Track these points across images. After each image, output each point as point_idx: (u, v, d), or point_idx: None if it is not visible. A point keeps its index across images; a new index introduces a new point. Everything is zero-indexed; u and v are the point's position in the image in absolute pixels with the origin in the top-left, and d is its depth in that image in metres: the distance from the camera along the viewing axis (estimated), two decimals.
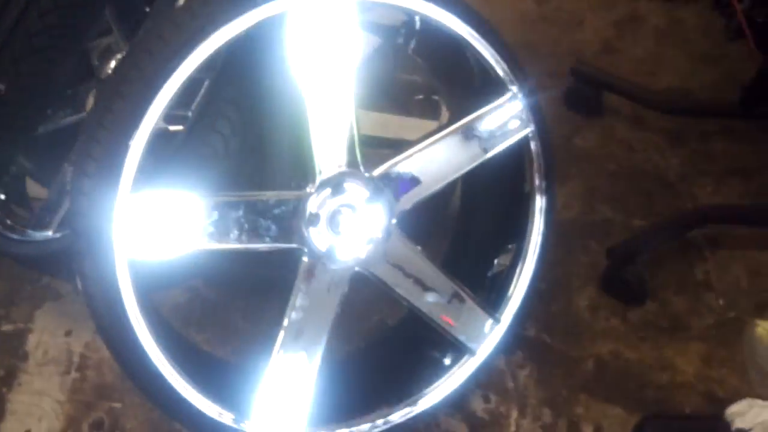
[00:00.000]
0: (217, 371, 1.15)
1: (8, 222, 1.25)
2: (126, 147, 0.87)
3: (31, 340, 1.39)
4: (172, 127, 1.13)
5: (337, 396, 1.14)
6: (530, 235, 1.21)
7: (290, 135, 1.08)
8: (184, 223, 0.95)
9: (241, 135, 1.11)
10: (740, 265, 1.51)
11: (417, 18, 1.09)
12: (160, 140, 1.15)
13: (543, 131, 1.16)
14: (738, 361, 1.37)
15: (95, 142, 0.88)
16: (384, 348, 1.31)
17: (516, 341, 1.39)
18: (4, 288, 1.46)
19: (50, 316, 1.43)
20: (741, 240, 1.55)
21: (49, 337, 1.40)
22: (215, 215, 0.97)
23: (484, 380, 1.34)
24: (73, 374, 1.35)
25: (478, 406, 1.33)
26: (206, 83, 1.10)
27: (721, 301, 1.46)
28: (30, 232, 1.24)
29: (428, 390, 1.17)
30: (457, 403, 1.27)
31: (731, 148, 1.72)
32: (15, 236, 1.25)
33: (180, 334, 1.15)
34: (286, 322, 1.04)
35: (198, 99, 1.10)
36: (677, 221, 1.51)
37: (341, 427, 1.10)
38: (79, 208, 0.90)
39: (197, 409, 0.99)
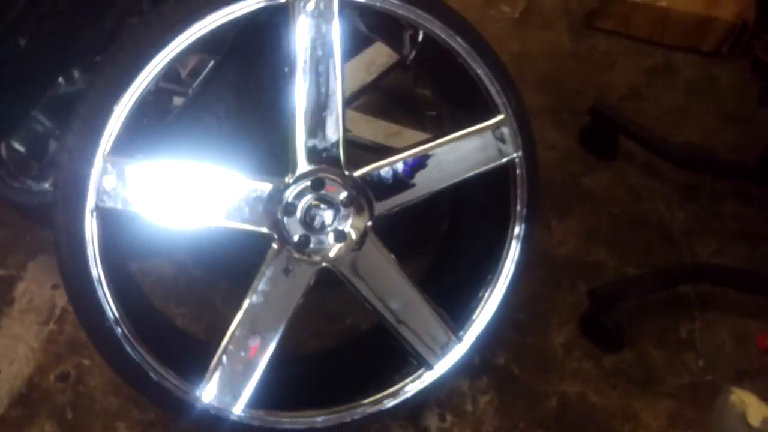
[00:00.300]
0: (176, 341, 1.17)
1: (12, 171, 1.31)
2: (110, 111, 0.91)
3: (20, 287, 1.45)
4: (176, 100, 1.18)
5: (286, 386, 1.16)
6: (504, 261, 1.21)
7: (280, 124, 1.10)
8: (158, 189, 0.98)
9: (235, 118, 1.14)
10: (728, 329, 1.48)
11: (419, 30, 1.10)
12: (157, 111, 1.20)
13: (531, 158, 1.17)
14: (705, 425, 1.34)
15: (84, 101, 0.92)
16: (348, 349, 1.33)
17: (481, 366, 1.40)
18: (5, 235, 1.53)
19: (42, 267, 1.49)
20: (733, 304, 1.51)
21: (36, 288, 1.45)
22: (191, 186, 1.00)
23: (442, 398, 1.35)
24: (52, 326, 1.40)
25: (432, 423, 1.33)
26: (211, 63, 1.14)
27: (700, 363, 1.43)
28: (29, 182, 1.29)
29: (377, 395, 1.17)
30: (404, 414, 1.27)
31: (742, 211, 1.69)
32: (16, 185, 1.31)
33: (144, 298, 1.18)
34: (245, 303, 1.07)
35: (200, 78, 1.14)
36: (666, 273, 1.48)
37: (281, 416, 1.11)
38: (60, 161, 0.94)
39: (144, 370, 1.02)
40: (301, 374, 1.24)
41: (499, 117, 1.13)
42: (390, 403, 1.18)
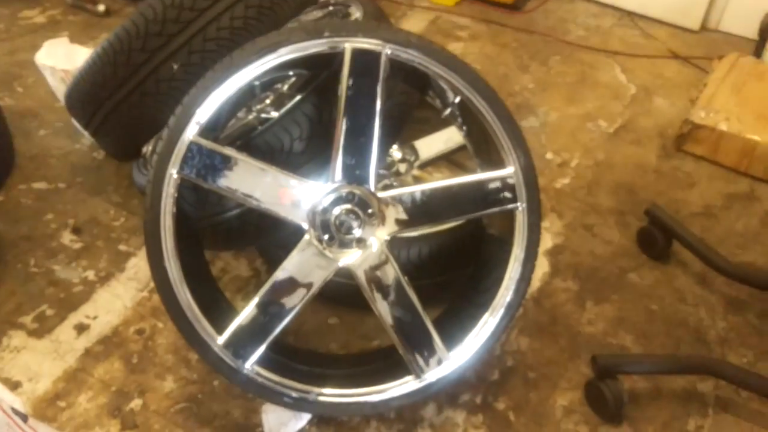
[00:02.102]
0: (218, 300, 1.44)
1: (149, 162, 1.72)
2: (200, 104, 1.26)
3: (132, 261, 1.83)
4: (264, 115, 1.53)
5: (296, 363, 1.38)
6: (499, 297, 1.37)
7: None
8: (225, 171, 1.29)
9: (304, 141, 1.45)
10: None
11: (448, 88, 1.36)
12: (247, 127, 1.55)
13: (533, 210, 1.35)
14: None
15: (187, 95, 1.28)
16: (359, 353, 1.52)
17: (480, 406, 1.52)
18: (136, 222, 1.93)
19: None
20: (751, 413, 1.51)
21: (143, 264, 1.81)
22: (249, 173, 1.30)
23: (437, 423, 1.48)
24: (144, 293, 1.74)
25: None
26: (297, 98, 1.48)
27: None
28: None
29: (365, 389, 1.35)
30: (384, 414, 1.44)
31: None
32: (145, 172, 1.71)
33: (206, 272, 1.47)
34: (273, 277, 1.32)
35: (286, 107, 1.47)
36: (676, 359, 1.52)
37: (283, 377, 1.32)
38: (162, 136, 1.30)
39: (187, 316, 1.30)
40: (313, 361, 1.45)
41: (509, 169, 1.34)
42: (374, 398, 1.35)
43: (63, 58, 2.06)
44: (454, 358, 1.37)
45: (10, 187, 2.02)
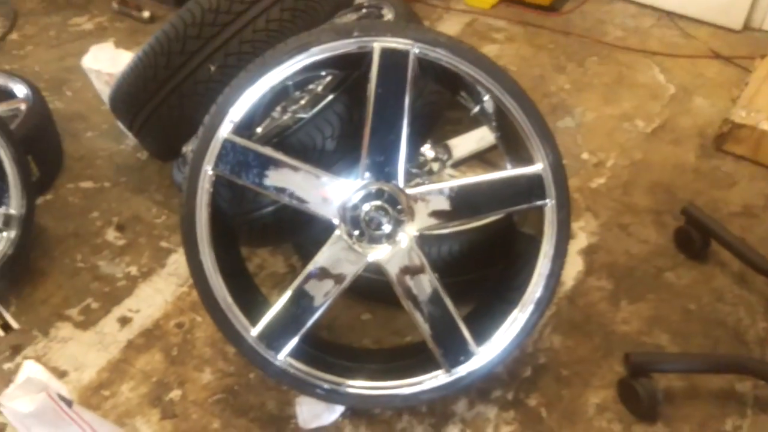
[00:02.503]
0: (253, 294, 1.48)
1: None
2: (233, 103, 1.30)
3: (173, 257, 1.88)
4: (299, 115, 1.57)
5: (329, 356, 1.41)
6: (528, 293, 1.37)
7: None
8: (258, 168, 1.33)
9: (337, 140, 1.48)
10: None
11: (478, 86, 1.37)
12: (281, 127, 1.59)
13: (562, 206, 1.35)
14: None
15: (220, 94, 1.33)
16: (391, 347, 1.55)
17: (512, 402, 1.52)
18: (176, 220, 1.99)
19: None
20: None
21: (183, 261, 1.86)
22: (282, 170, 1.34)
23: (468, 417, 1.49)
24: (184, 288, 1.79)
25: None
26: (329, 97, 1.51)
27: None
28: None
29: (397, 381, 1.37)
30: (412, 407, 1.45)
31: None
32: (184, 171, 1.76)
33: (241, 267, 1.51)
34: (305, 272, 1.35)
35: (319, 107, 1.51)
36: (712, 358, 1.50)
37: (315, 369, 1.35)
38: (198, 135, 1.34)
39: (222, 308, 1.34)
40: (345, 355, 1.47)
41: (537, 166, 1.34)
42: (405, 391, 1.37)
43: (108, 62, 2.13)
44: (484, 353, 1.38)
45: (58, 187, 2.10)
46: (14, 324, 1.70)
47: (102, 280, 1.82)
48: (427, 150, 1.96)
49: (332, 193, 1.34)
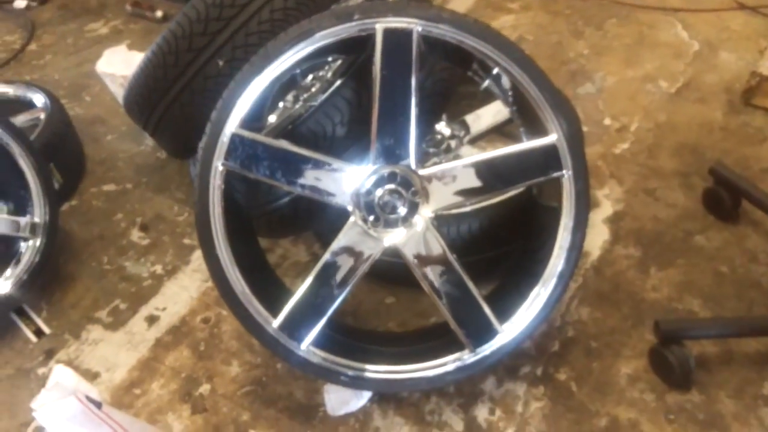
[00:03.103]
0: (273, 285, 1.48)
1: None
2: (240, 94, 1.29)
3: (196, 254, 1.90)
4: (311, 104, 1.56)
5: (352, 342, 1.41)
6: (550, 267, 1.35)
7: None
8: (267, 162, 1.33)
9: (347, 126, 1.47)
10: None
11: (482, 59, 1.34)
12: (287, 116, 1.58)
13: (580, 176, 1.31)
14: None
15: (226, 88, 1.32)
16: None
17: (542, 377, 1.50)
18: None
19: None
20: None
21: None
22: (291, 162, 1.33)
23: (497, 395, 1.48)
24: (209, 284, 1.81)
25: (481, 414, 1.46)
26: (337, 83, 1.49)
27: None
28: None
29: (420, 364, 1.36)
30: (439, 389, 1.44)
31: None
32: None
33: (260, 259, 1.51)
34: (322, 260, 1.35)
35: (326, 94, 1.49)
36: (747, 320, 1.45)
37: (338, 356, 1.35)
38: (206, 131, 1.34)
39: (242, 301, 1.34)
40: (368, 339, 1.47)
41: (552, 137, 1.31)
42: (430, 373, 1.36)
43: (122, 65, 2.15)
44: (509, 331, 1.36)
45: (82, 191, 2.14)
46: (46, 329, 1.74)
47: (129, 281, 1.84)
48: (443, 128, 1.93)
49: (344, 180, 1.33)
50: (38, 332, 1.73)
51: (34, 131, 2.03)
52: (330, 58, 1.53)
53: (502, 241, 1.59)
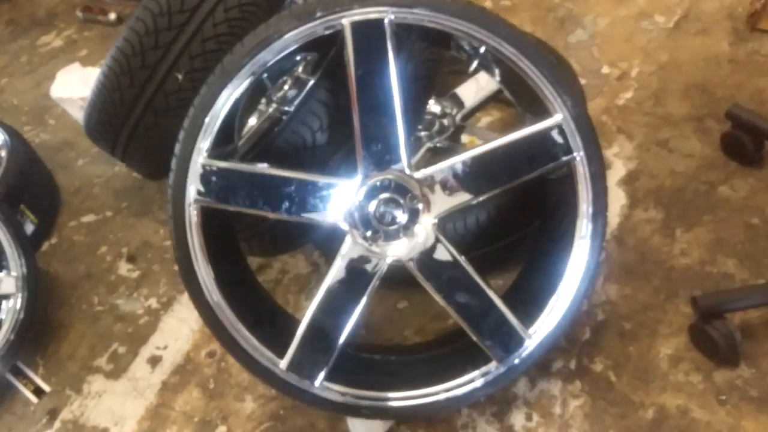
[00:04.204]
0: (276, 320, 1.37)
1: None
2: (202, 123, 1.15)
3: None
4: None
5: (360, 363, 1.30)
6: (573, 260, 1.22)
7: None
8: (245, 191, 1.19)
9: (328, 131, 1.32)
10: None
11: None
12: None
13: (593, 157, 1.18)
14: None
15: (186, 118, 1.18)
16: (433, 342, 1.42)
17: (576, 371, 1.39)
18: None
19: None
20: None
21: None
22: (271, 187, 1.19)
23: (531, 398, 1.37)
24: None
25: (518, 421, 1.35)
26: (310, 84, 1.34)
27: None
28: None
29: (443, 384, 1.25)
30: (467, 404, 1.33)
31: None
32: None
33: (255, 292, 1.39)
34: (323, 288, 1.22)
35: (300, 98, 1.34)
36: None
37: (356, 388, 1.24)
38: (172, 167, 1.20)
39: (245, 348, 1.22)
40: (382, 361, 1.36)
41: (557, 117, 1.17)
42: (458, 392, 1.24)
43: (78, 85, 1.99)
44: (537, 332, 1.24)
45: (60, 226, 2.00)
46: (45, 386, 1.63)
47: (124, 320, 1.73)
48: (433, 105, 1.78)
49: (334, 196, 1.20)
50: (38, 391, 1.63)
51: None
52: (298, 57, 1.38)
53: (516, 226, 1.46)
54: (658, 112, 1.84)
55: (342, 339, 1.23)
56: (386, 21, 1.14)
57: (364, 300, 1.23)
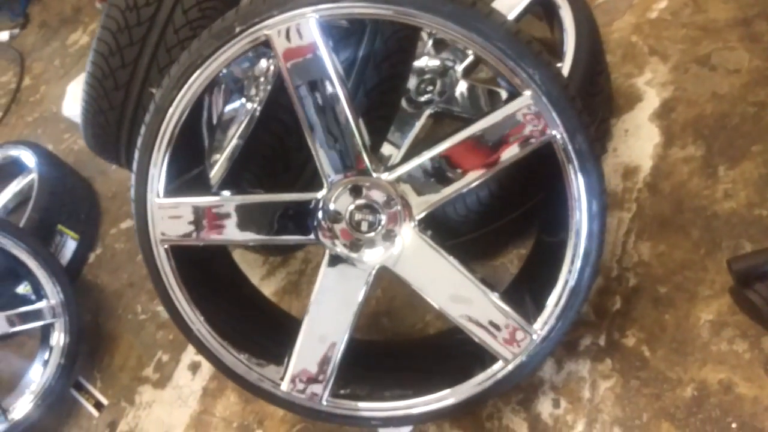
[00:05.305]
0: (280, 333, 1.33)
1: None
2: (148, 163, 1.10)
3: None
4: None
5: (365, 375, 1.25)
6: (570, 248, 1.09)
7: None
8: (212, 220, 1.14)
9: (295, 135, 1.23)
10: None
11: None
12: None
13: (575, 132, 1.01)
14: None
15: (133, 161, 1.13)
16: (430, 342, 1.34)
17: (606, 347, 1.28)
18: None
19: None
20: None
21: None
22: (240, 213, 1.14)
23: (558, 382, 1.28)
24: None
25: (545, 409, 1.27)
26: (267, 89, 1.25)
27: None
28: None
29: (459, 387, 1.18)
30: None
31: None
32: None
33: (251, 312, 1.36)
34: (309, 309, 1.17)
35: (260, 103, 1.26)
36: None
37: (364, 401, 1.20)
38: (133, 209, 1.17)
39: (244, 376, 1.21)
40: (392, 368, 1.30)
41: (524, 94, 1.01)
42: (470, 393, 1.17)
43: None
44: (542, 325, 1.13)
45: (103, 236, 2.06)
46: (104, 400, 1.72)
47: (165, 328, 1.77)
48: (429, 62, 1.62)
49: (304, 212, 1.13)
50: (98, 405, 1.73)
51: (31, 195, 1.95)
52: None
53: (518, 200, 1.34)
54: (698, 20, 1.58)
55: (338, 355, 1.18)
56: (311, 23, 1.01)
57: (355, 312, 1.17)
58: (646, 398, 1.20)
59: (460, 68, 1.61)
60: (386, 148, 1.61)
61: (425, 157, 1.08)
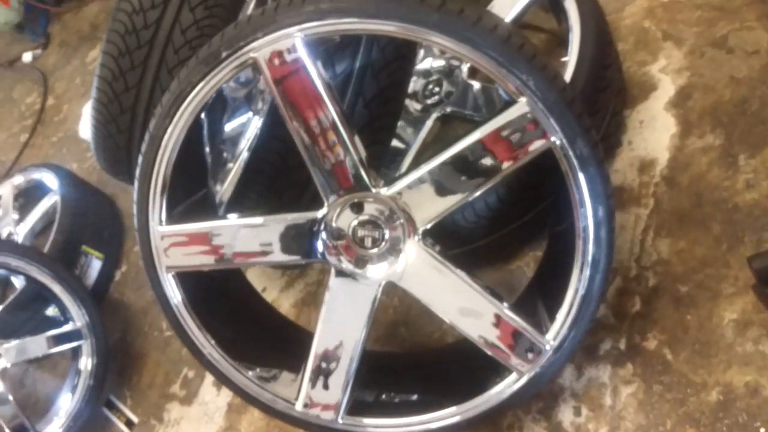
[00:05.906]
0: (291, 348, 1.33)
1: None
2: (147, 191, 1.10)
3: None
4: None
5: (381, 392, 1.24)
6: (579, 255, 1.05)
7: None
8: (213, 245, 1.14)
9: (296, 152, 1.22)
10: None
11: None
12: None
13: (575, 137, 0.97)
14: None
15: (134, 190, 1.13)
16: (445, 354, 1.32)
17: (627, 351, 1.24)
18: None
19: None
20: None
21: None
22: (242, 236, 1.13)
23: (579, 389, 1.25)
24: None
25: (566, 417, 1.24)
26: (264, 109, 1.24)
27: None
28: None
29: (474, 402, 1.15)
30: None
31: None
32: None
33: (261, 329, 1.36)
34: (318, 329, 1.16)
35: (262, 120, 1.25)
36: None
37: (384, 417, 1.19)
38: (138, 238, 1.17)
39: (258, 398, 1.21)
40: (408, 384, 1.29)
41: (520, 102, 0.97)
42: (485, 407, 1.15)
43: None
44: (554, 335, 1.10)
45: (127, 253, 2.09)
46: (134, 418, 1.75)
47: None
48: (433, 62, 1.58)
49: (307, 231, 1.12)
50: (129, 423, 1.76)
51: (54, 217, 1.98)
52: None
53: (529, 203, 1.30)
54: (713, 0, 1.51)
55: (352, 373, 1.17)
56: (298, 43, 0.99)
57: (366, 328, 1.15)
58: (670, 404, 1.16)
59: (465, 68, 1.57)
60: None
61: (424, 170, 1.06)
